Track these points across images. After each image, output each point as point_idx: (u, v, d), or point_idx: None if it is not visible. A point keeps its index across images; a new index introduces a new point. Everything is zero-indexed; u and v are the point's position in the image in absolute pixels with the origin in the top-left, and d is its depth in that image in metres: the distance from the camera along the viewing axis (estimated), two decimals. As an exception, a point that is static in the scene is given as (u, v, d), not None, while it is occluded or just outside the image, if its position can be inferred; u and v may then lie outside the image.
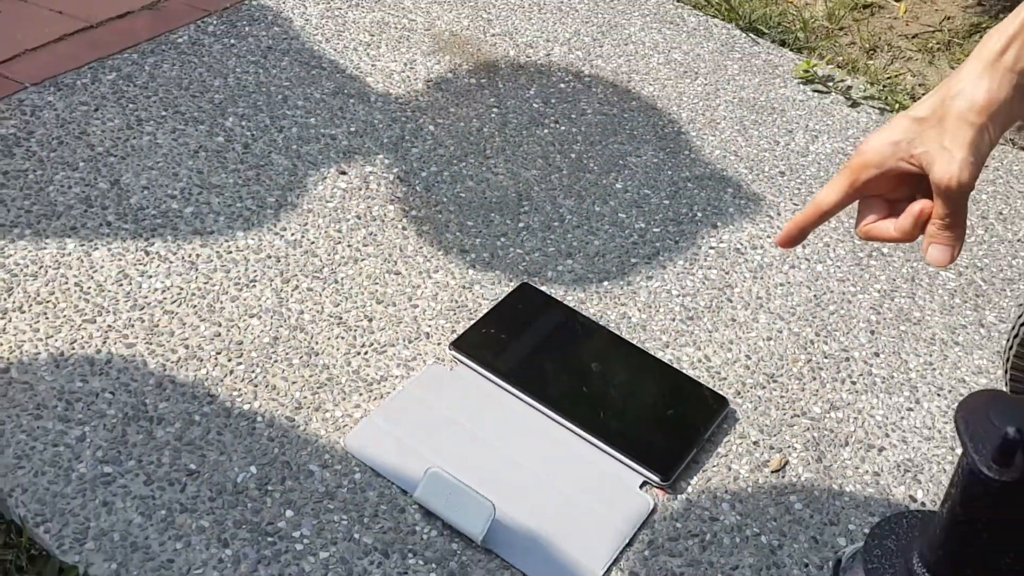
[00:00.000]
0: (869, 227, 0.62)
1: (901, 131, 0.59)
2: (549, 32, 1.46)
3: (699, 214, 1.17)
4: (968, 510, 0.49)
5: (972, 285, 1.14)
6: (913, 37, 1.65)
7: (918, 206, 0.59)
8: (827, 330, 1.05)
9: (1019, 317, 0.90)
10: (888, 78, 1.51)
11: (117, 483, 0.79)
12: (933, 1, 1.77)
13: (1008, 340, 0.93)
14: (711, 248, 1.12)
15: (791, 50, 1.54)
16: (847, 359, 1.02)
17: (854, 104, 1.43)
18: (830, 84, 1.45)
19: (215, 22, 1.32)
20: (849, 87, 1.46)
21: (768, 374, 0.99)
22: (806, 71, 1.46)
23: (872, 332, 1.06)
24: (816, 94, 1.44)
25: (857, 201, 0.63)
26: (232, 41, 1.29)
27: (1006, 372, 0.93)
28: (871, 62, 1.55)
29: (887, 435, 0.95)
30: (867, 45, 1.60)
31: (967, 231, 0.63)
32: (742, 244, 1.14)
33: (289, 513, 0.79)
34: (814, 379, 0.99)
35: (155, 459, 0.81)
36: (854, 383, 1.00)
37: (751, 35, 1.55)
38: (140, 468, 0.80)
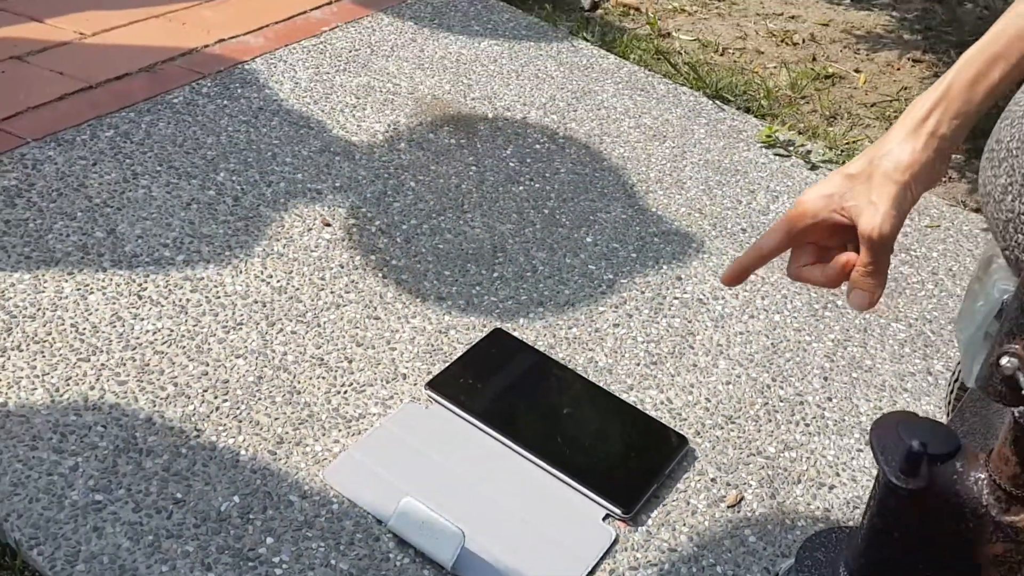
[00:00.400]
0: (800, 270, 0.69)
1: (834, 186, 0.66)
2: (526, 97, 1.54)
3: (664, 267, 1.24)
4: (884, 519, 0.55)
5: (921, 336, 1.21)
6: (872, 106, 1.75)
7: (844, 257, 0.66)
8: (783, 376, 1.11)
9: (958, 365, 0.97)
10: (847, 143, 1.59)
11: (107, 510, 0.83)
12: (891, 72, 1.88)
13: (949, 386, 0.99)
14: (675, 299, 1.19)
15: (755, 116, 1.63)
16: (801, 403, 1.08)
17: (813, 167, 1.51)
18: (791, 148, 1.54)
19: (209, 84, 1.40)
20: (809, 151, 1.54)
21: (726, 416, 1.04)
22: (768, 136, 1.54)
23: (825, 378, 1.12)
24: (777, 157, 1.52)
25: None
26: (225, 102, 1.37)
27: (947, 415, 1.00)
28: (831, 128, 1.64)
29: (838, 474, 1.01)
30: (827, 113, 1.70)
31: (919, 286, 0.71)
32: (704, 295, 1.20)
33: (269, 540, 0.84)
34: (770, 421, 1.05)
35: (143, 488, 0.85)
36: (807, 425, 1.06)
37: (717, 102, 1.64)
38: (129, 496, 0.85)
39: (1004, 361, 0.43)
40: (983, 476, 0.52)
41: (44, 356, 0.96)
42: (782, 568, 0.65)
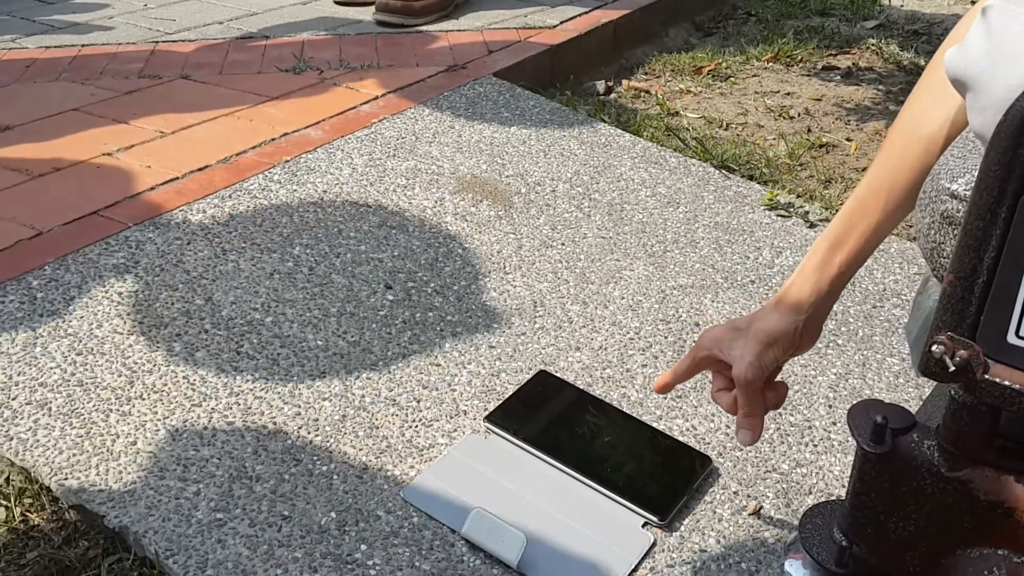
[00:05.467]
0: (715, 394, 0.91)
1: (724, 333, 0.89)
2: (553, 172, 1.74)
3: (684, 315, 1.41)
4: (862, 483, 0.71)
5: (912, 369, 1.37)
6: (863, 170, 1.94)
7: (734, 395, 0.88)
8: (792, 404, 1.27)
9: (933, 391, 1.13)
10: (841, 203, 1.78)
11: (228, 526, 1.00)
12: (880, 140, 2.07)
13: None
14: (694, 342, 1.36)
15: (758, 183, 1.82)
16: (810, 427, 1.24)
17: (811, 225, 1.70)
18: (791, 210, 1.72)
19: (279, 172, 1.61)
20: (807, 212, 1.73)
21: (744, 440, 1.20)
22: (771, 199, 1.73)
23: (830, 406, 1.28)
24: (779, 218, 1.71)
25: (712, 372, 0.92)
26: (294, 187, 1.57)
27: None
28: (826, 191, 1.83)
29: (843, 485, 1.16)
30: (823, 177, 1.88)
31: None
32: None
33: (363, 547, 1.00)
34: (782, 443, 1.21)
35: (256, 508, 1.02)
36: (816, 446, 1.21)
37: (723, 171, 1.84)
38: (245, 515, 1.01)
39: (934, 348, 0.60)
40: (933, 443, 0.68)
41: (163, 403, 1.14)
42: (789, 539, 0.81)
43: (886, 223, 0.76)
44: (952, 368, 0.59)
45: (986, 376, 0.59)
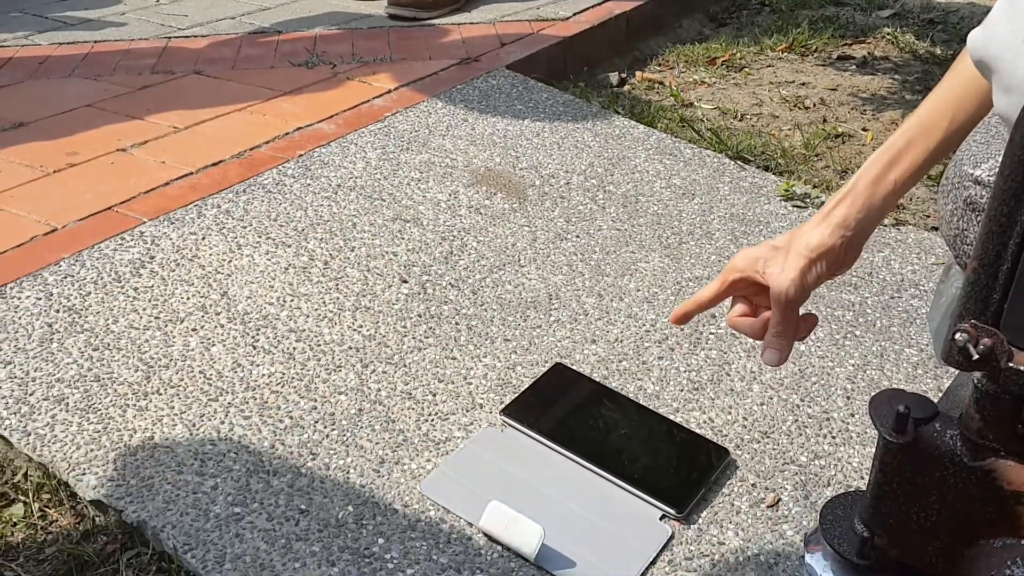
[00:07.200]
0: (734, 319, 0.85)
1: (761, 251, 0.83)
2: (568, 165, 1.73)
3: (700, 307, 1.40)
4: (884, 473, 0.70)
5: (932, 359, 1.36)
6: (879, 159, 1.92)
7: (767, 315, 0.82)
8: (811, 396, 1.26)
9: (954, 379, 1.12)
10: (858, 194, 1.76)
11: (245, 520, 1.00)
12: (896, 130, 2.05)
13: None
14: (711, 334, 1.35)
15: (773, 173, 1.81)
16: (828, 419, 1.23)
17: (828, 216, 1.68)
18: (807, 200, 1.71)
19: (293, 166, 1.61)
20: (823, 202, 1.71)
21: (762, 431, 1.20)
22: (786, 190, 1.72)
23: (848, 397, 1.27)
24: (795, 208, 1.69)
25: (731, 299, 0.85)
26: (308, 181, 1.57)
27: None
28: (843, 181, 1.81)
29: (862, 477, 1.15)
30: (839, 167, 1.87)
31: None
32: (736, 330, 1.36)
33: (381, 540, 1.00)
34: (800, 435, 1.20)
35: (273, 502, 1.02)
36: (834, 438, 1.20)
37: (739, 162, 1.82)
38: (262, 508, 1.01)
39: (957, 336, 0.59)
40: (956, 432, 0.67)
41: (180, 398, 1.14)
42: (809, 531, 0.80)
43: (945, 144, 0.73)
44: (976, 356, 0.58)
45: (1010, 364, 0.58)
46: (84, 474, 1.03)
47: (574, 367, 1.25)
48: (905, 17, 2.80)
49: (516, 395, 1.19)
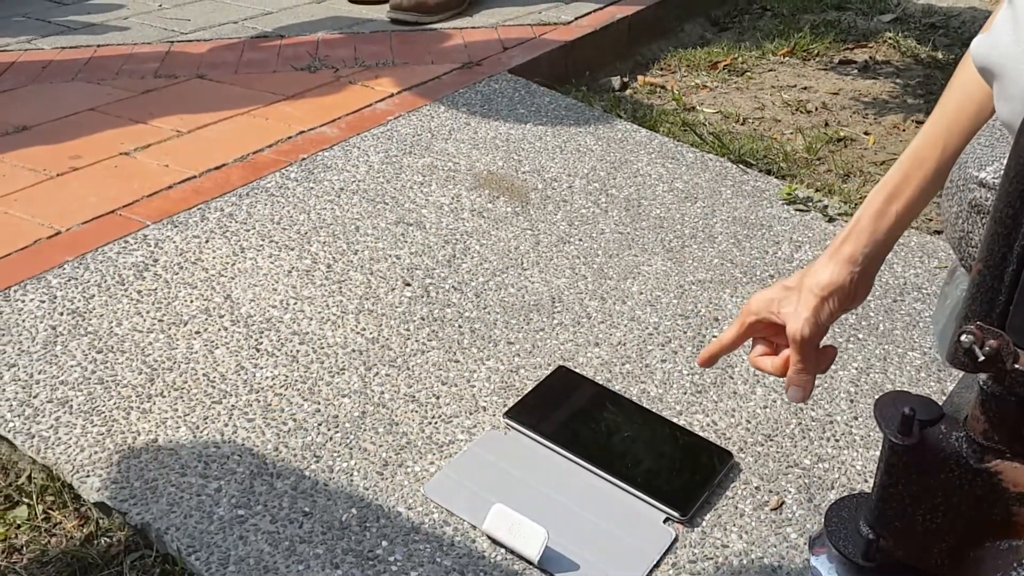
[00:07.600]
0: (756, 359, 0.88)
1: (774, 293, 0.85)
2: (570, 168, 1.74)
3: (703, 310, 1.41)
4: (889, 476, 0.70)
5: (935, 362, 1.36)
6: (881, 164, 1.92)
7: (787, 354, 0.84)
8: (814, 399, 1.26)
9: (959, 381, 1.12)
10: (860, 198, 1.76)
11: (249, 522, 1.00)
12: (898, 133, 2.06)
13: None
14: (713, 336, 1.35)
15: (775, 177, 1.81)
16: (831, 422, 1.23)
17: (830, 219, 1.68)
18: (810, 204, 1.71)
19: (295, 170, 1.61)
20: (826, 206, 1.72)
21: (766, 434, 1.20)
22: (789, 194, 1.72)
23: (852, 400, 1.27)
24: (798, 212, 1.70)
25: (751, 339, 0.88)
26: (311, 184, 1.57)
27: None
28: (845, 185, 1.82)
29: (866, 480, 1.15)
30: (841, 171, 1.87)
31: (931, 320, 0.88)
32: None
33: (384, 543, 1.00)
34: (804, 438, 1.20)
35: (277, 504, 1.02)
36: (838, 440, 1.20)
37: (741, 166, 1.83)
38: (266, 511, 1.01)
39: (963, 338, 0.59)
40: (962, 434, 0.67)
41: (183, 400, 1.14)
42: (814, 534, 0.80)
43: (941, 172, 0.75)
44: (981, 358, 0.58)
45: (1016, 366, 0.58)
46: (88, 476, 1.03)
47: (577, 370, 1.25)
48: (906, 21, 2.80)
49: (519, 398, 1.19)
